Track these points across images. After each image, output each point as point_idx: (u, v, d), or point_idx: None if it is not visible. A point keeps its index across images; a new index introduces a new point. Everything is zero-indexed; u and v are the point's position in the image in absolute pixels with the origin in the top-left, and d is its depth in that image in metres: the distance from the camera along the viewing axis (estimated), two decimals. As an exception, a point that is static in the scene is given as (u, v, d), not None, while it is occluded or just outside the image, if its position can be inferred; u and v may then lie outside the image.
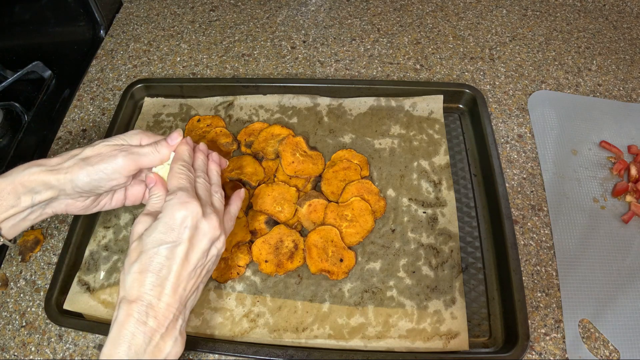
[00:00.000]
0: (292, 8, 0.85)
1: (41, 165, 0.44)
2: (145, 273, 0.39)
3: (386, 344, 0.48)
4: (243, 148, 0.63)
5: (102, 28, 0.83)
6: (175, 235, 0.40)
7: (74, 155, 0.44)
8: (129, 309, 0.39)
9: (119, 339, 0.38)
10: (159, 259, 0.40)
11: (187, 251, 0.40)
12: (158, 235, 0.40)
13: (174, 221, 0.41)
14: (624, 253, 0.55)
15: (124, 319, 0.38)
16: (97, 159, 0.44)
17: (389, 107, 0.66)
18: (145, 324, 0.38)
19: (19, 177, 0.43)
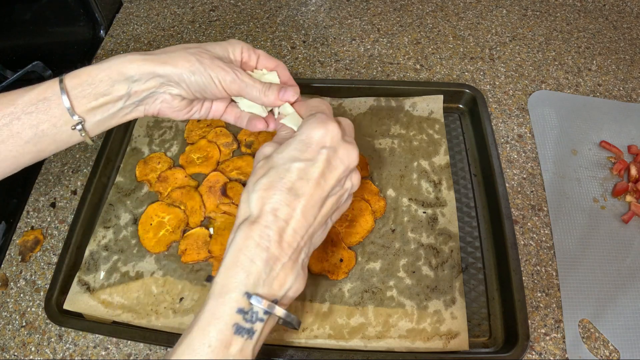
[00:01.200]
0: (292, 8, 0.85)
1: (146, 54, 0.40)
2: (273, 190, 0.35)
3: (386, 344, 0.48)
4: (243, 148, 0.63)
5: (102, 28, 0.83)
6: (311, 154, 0.36)
7: (185, 48, 0.42)
8: (250, 231, 0.34)
9: (235, 266, 0.34)
10: (291, 177, 0.35)
11: (322, 173, 0.36)
12: (292, 152, 0.37)
13: (311, 139, 0.37)
14: (624, 253, 0.55)
15: (242, 242, 0.34)
16: (210, 65, 0.41)
17: (389, 107, 0.66)
18: (268, 249, 0.34)
19: (116, 62, 0.39)
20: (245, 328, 0.33)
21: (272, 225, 0.35)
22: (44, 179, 0.64)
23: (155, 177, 0.60)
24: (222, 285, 0.34)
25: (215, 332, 0.32)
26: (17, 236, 0.59)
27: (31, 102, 0.39)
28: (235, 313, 0.33)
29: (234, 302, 0.33)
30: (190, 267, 0.53)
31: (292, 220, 0.35)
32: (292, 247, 0.35)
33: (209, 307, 0.33)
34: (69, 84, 0.39)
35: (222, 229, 0.55)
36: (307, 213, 0.36)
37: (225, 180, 0.59)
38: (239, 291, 0.33)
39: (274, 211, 0.35)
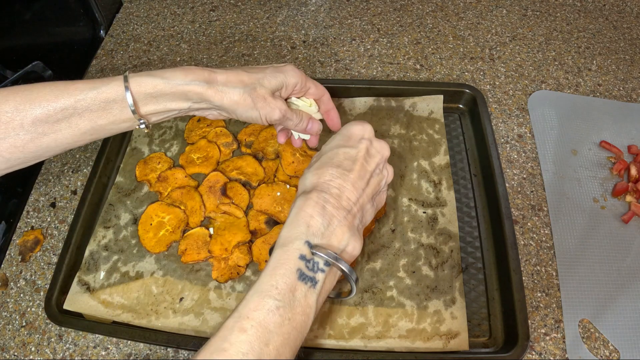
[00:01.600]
0: (292, 8, 0.85)
1: (208, 82, 0.43)
2: (326, 167, 0.42)
3: (386, 344, 0.48)
4: (243, 148, 0.63)
5: (102, 28, 0.83)
6: (353, 142, 0.44)
7: (244, 84, 0.45)
8: (308, 196, 0.40)
9: (297, 220, 0.39)
10: (339, 157, 0.42)
11: (364, 156, 0.43)
12: (337, 142, 0.44)
13: (352, 133, 0.44)
14: (624, 253, 0.55)
15: (302, 203, 0.39)
16: (261, 104, 0.45)
17: (389, 107, 0.66)
18: (324, 207, 0.39)
19: (182, 84, 0.43)
20: (308, 276, 0.37)
21: (327, 191, 0.40)
22: (44, 179, 0.64)
23: (155, 177, 0.60)
24: (286, 237, 0.38)
25: (281, 275, 0.36)
26: (17, 236, 0.59)
27: (94, 100, 0.41)
28: (298, 259, 0.37)
29: (296, 250, 0.37)
30: (190, 267, 0.53)
31: (344, 189, 0.41)
32: (346, 210, 0.40)
33: (275, 255, 0.38)
34: (134, 89, 0.42)
35: (222, 229, 0.55)
36: (356, 184, 0.42)
37: (225, 180, 0.59)
38: (301, 240, 0.38)
39: (327, 182, 0.41)
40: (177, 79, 0.42)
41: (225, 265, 0.53)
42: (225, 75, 0.44)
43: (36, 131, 0.40)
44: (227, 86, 0.44)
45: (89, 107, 0.41)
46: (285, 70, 0.47)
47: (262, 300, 0.35)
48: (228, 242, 0.54)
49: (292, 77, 0.48)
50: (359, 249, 0.41)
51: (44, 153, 0.42)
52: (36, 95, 0.39)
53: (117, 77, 0.42)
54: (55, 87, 0.40)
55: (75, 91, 0.40)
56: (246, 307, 0.35)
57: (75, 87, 0.40)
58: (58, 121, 0.40)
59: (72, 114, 0.40)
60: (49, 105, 0.39)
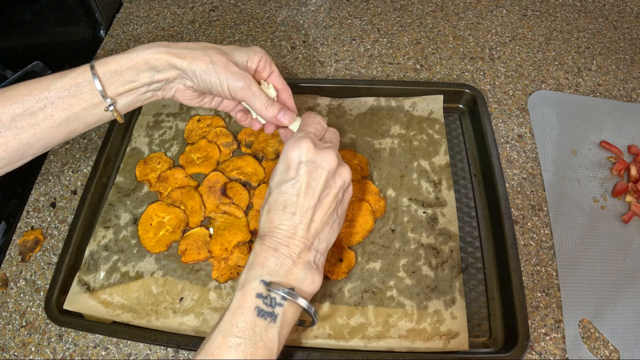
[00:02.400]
0: (292, 8, 0.85)
1: (168, 47, 0.45)
2: (273, 211, 0.43)
3: (386, 344, 0.48)
4: (243, 148, 0.63)
5: (102, 28, 0.83)
6: (293, 173, 0.43)
7: (205, 47, 0.46)
8: (262, 242, 0.42)
9: (254, 264, 0.41)
10: (283, 197, 0.42)
11: (307, 184, 0.42)
12: (278, 177, 0.44)
13: (289, 160, 0.43)
14: (624, 253, 0.55)
15: (259, 248, 0.42)
16: (222, 69, 0.45)
17: (389, 107, 0.66)
18: (277, 250, 0.41)
19: (143, 54, 0.44)
20: (266, 312, 0.38)
21: (278, 235, 0.42)
22: (44, 179, 0.64)
23: (155, 177, 0.60)
24: (244, 279, 0.40)
25: (240, 314, 0.38)
26: (17, 236, 0.59)
27: (64, 87, 0.43)
28: (255, 297, 0.39)
29: (253, 290, 0.39)
30: (190, 267, 0.53)
31: (296, 229, 0.42)
32: (299, 248, 0.41)
33: (235, 297, 0.40)
34: (99, 70, 0.43)
35: (222, 229, 0.55)
36: (305, 219, 0.42)
37: (225, 180, 0.59)
38: (256, 280, 0.40)
39: (277, 227, 0.42)
40: (137, 50, 0.44)
41: (225, 265, 0.53)
42: (185, 44, 0.46)
43: (16, 127, 0.42)
44: (188, 49, 0.45)
45: (60, 95, 0.42)
46: (249, 47, 0.49)
47: (225, 339, 0.37)
48: (228, 242, 0.54)
49: (257, 51, 0.48)
50: (318, 282, 0.42)
51: (27, 150, 0.43)
52: (11, 93, 0.42)
53: (85, 65, 0.44)
54: (28, 83, 0.43)
55: (47, 82, 0.43)
56: (211, 345, 0.37)
57: (46, 79, 0.43)
58: (34, 113, 0.42)
59: (46, 104, 0.42)
60: (24, 99, 0.41)
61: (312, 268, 0.42)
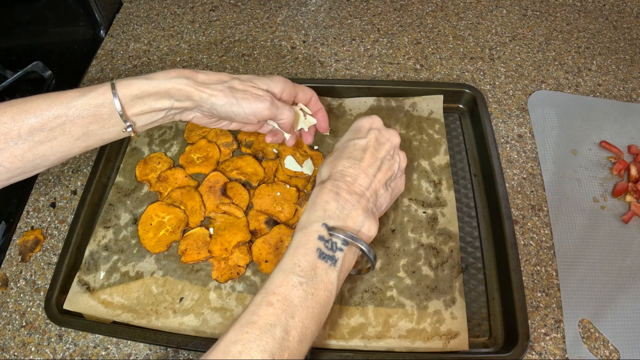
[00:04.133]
0: (292, 8, 0.85)
1: (189, 79, 0.46)
2: (338, 159, 0.45)
3: (386, 344, 0.48)
4: (243, 148, 0.63)
5: (102, 28, 0.83)
6: (362, 134, 0.47)
7: (223, 81, 0.47)
8: (323, 185, 0.43)
9: (314, 206, 0.42)
10: (350, 149, 0.46)
11: (374, 145, 0.46)
12: (347, 136, 0.48)
13: (360, 125, 0.48)
14: (624, 253, 0.55)
15: (318, 191, 0.43)
16: (242, 95, 0.47)
17: (389, 107, 0.66)
18: (338, 193, 0.42)
19: (165, 84, 0.45)
20: (327, 255, 0.40)
21: (340, 179, 0.43)
22: (44, 179, 0.64)
23: (155, 177, 0.60)
24: (305, 221, 0.41)
25: (302, 254, 0.39)
26: (17, 236, 0.59)
27: (84, 106, 0.43)
28: (317, 239, 0.40)
29: (315, 232, 0.40)
30: (190, 267, 0.53)
31: (356, 177, 0.44)
32: (358, 194, 0.43)
33: (296, 237, 0.41)
34: (120, 92, 0.44)
35: (222, 229, 0.55)
36: (367, 171, 0.45)
37: (225, 180, 0.59)
38: (318, 222, 0.41)
39: (340, 171, 0.44)
40: (159, 78, 0.46)
41: (225, 265, 0.53)
42: (205, 75, 0.47)
43: (33, 139, 0.42)
44: (207, 81, 0.47)
45: (80, 114, 0.43)
46: (270, 77, 0.50)
47: (287, 277, 0.38)
48: (228, 242, 0.54)
49: (279, 82, 0.50)
50: (374, 229, 0.43)
51: (42, 162, 0.44)
52: (30, 106, 0.42)
53: (105, 83, 0.45)
54: (49, 97, 0.43)
55: (67, 99, 0.43)
56: (272, 284, 0.37)
57: (67, 95, 0.43)
58: (52, 129, 0.43)
59: (65, 121, 0.43)
60: (42, 114, 0.42)
61: (370, 215, 0.43)
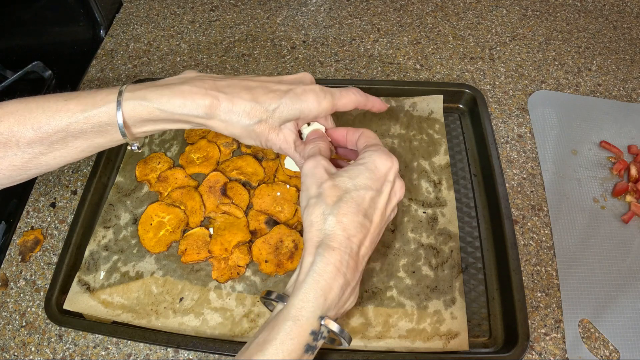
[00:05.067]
0: (292, 8, 0.85)
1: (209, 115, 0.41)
2: (351, 215, 0.37)
3: (386, 344, 0.48)
4: (243, 148, 0.63)
5: (102, 28, 0.83)
6: (379, 185, 0.39)
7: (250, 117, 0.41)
8: (331, 257, 0.36)
9: (315, 290, 0.35)
10: (365, 204, 0.38)
11: (385, 203, 0.40)
12: (364, 181, 0.39)
13: (379, 171, 0.40)
14: (624, 253, 0.55)
15: (323, 267, 0.36)
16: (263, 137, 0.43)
17: (389, 107, 0.66)
18: (344, 275, 0.36)
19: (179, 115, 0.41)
20: (312, 346, 0.36)
21: (348, 250, 0.37)
22: (44, 179, 0.64)
23: (155, 177, 0.60)
24: (300, 308, 0.35)
25: (289, 351, 0.34)
26: (17, 236, 0.59)
27: (87, 123, 0.40)
28: (309, 335, 0.35)
29: (309, 326, 0.35)
30: (190, 267, 0.53)
31: (363, 247, 0.38)
32: (359, 271, 0.38)
33: (286, 328, 0.35)
34: (127, 114, 0.40)
35: (222, 229, 0.55)
36: (372, 237, 0.39)
37: (225, 180, 0.59)
38: (315, 315, 0.35)
39: (350, 237, 0.37)
40: (173, 107, 0.40)
41: (225, 265, 0.53)
42: (230, 104, 0.41)
43: (33, 152, 0.40)
44: (230, 118, 0.41)
45: (82, 130, 0.40)
46: (306, 100, 0.42)
47: None
48: (228, 242, 0.54)
49: (313, 108, 0.43)
50: (354, 301, 0.40)
51: (46, 169, 0.42)
52: (29, 117, 0.39)
53: (110, 97, 0.40)
54: (48, 107, 0.39)
55: (67, 113, 0.39)
56: None
57: (67, 108, 0.39)
58: (53, 143, 0.40)
59: (66, 136, 0.40)
60: (41, 128, 0.39)
61: (355, 290, 0.39)
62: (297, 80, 0.45)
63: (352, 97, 0.45)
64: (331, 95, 0.44)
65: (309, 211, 0.38)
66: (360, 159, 0.41)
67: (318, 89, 0.43)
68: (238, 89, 0.42)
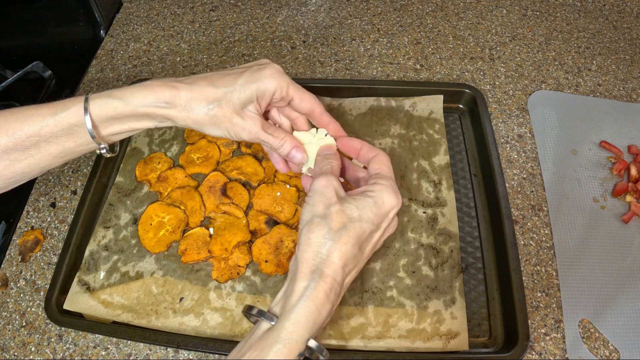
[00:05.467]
0: (292, 8, 0.85)
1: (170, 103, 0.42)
2: (350, 245, 0.38)
3: (386, 344, 0.48)
4: (243, 148, 0.63)
5: (102, 28, 0.83)
6: (379, 221, 0.40)
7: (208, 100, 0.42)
8: (324, 285, 0.37)
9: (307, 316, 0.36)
10: (363, 237, 0.39)
11: (379, 238, 0.41)
12: (370, 215, 0.40)
13: (384, 207, 0.40)
14: (624, 253, 0.55)
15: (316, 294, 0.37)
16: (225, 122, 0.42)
17: (389, 107, 0.66)
18: (332, 302, 0.38)
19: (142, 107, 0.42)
20: None
21: (338, 279, 0.38)
22: (44, 179, 0.64)
23: (155, 177, 0.60)
24: (292, 332, 0.36)
25: None
26: (17, 236, 0.59)
27: (57, 125, 0.41)
28: (296, 357, 0.36)
29: (298, 349, 0.36)
30: (190, 267, 0.53)
31: (349, 276, 0.40)
32: (341, 296, 0.39)
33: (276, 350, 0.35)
34: (94, 112, 0.41)
35: (222, 229, 0.55)
36: (359, 267, 0.41)
37: (225, 180, 0.59)
38: (304, 339, 0.36)
39: (345, 266, 0.38)
40: (136, 99, 0.41)
41: (225, 265, 0.53)
42: (189, 92, 0.42)
43: (8, 158, 0.41)
44: (190, 104, 0.42)
45: (53, 133, 0.41)
46: (261, 77, 0.43)
47: None
48: (228, 242, 0.54)
49: (269, 83, 0.43)
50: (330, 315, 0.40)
51: (22, 178, 0.43)
52: (4, 124, 0.40)
53: (78, 100, 0.41)
54: (21, 114, 0.41)
55: (38, 118, 0.41)
56: None
57: (39, 113, 0.41)
58: (27, 148, 0.41)
59: (39, 141, 0.41)
60: (14, 134, 0.40)
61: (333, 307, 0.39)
62: (256, 63, 0.45)
63: (311, 98, 0.46)
64: (289, 79, 0.44)
65: (310, 229, 0.39)
66: (370, 191, 0.41)
67: (275, 67, 0.44)
68: (196, 79, 0.43)
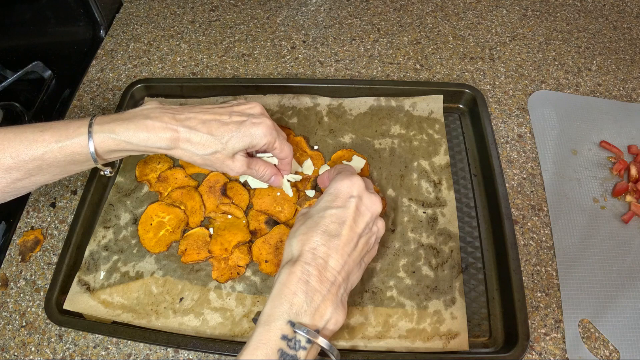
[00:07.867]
0: (292, 8, 0.85)
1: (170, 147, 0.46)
2: (312, 232, 0.40)
3: (386, 344, 0.48)
4: (243, 148, 0.63)
5: (102, 28, 0.83)
6: (341, 202, 0.42)
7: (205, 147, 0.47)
8: (292, 268, 0.39)
9: (280, 297, 0.38)
10: (325, 221, 0.41)
11: (354, 217, 0.42)
12: (324, 203, 0.42)
13: (339, 191, 0.43)
14: (624, 253, 0.55)
15: (286, 277, 0.39)
16: (218, 164, 0.48)
17: (389, 107, 0.66)
18: (308, 282, 0.38)
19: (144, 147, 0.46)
20: (289, 354, 0.36)
21: (311, 262, 0.39)
22: (44, 179, 0.64)
23: (155, 177, 0.60)
24: (268, 314, 0.37)
25: (262, 355, 0.36)
26: (17, 236, 0.59)
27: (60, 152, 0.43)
28: (279, 339, 0.36)
29: (279, 330, 0.36)
30: (190, 267, 0.53)
31: (330, 258, 0.40)
32: (330, 281, 0.39)
33: (257, 334, 0.37)
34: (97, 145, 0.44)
35: (222, 229, 0.55)
36: (343, 251, 0.41)
37: (225, 180, 0.59)
38: (283, 319, 0.37)
39: (312, 250, 0.40)
40: (138, 139, 0.45)
41: (225, 265, 0.53)
42: (188, 142, 0.46)
43: (10, 177, 0.43)
44: (189, 149, 0.47)
45: (56, 158, 0.44)
46: (255, 133, 0.48)
47: None
48: (228, 242, 0.54)
49: (261, 140, 0.49)
50: (341, 321, 0.40)
51: (23, 192, 0.46)
52: (7, 145, 0.42)
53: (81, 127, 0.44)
54: (24, 137, 0.42)
55: (43, 143, 0.43)
56: None
57: (43, 138, 0.43)
58: (29, 170, 0.43)
59: (42, 164, 0.43)
60: (19, 156, 0.42)
61: (339, 306, 0.40)
62: (248, 111, 0.50)
63: (290, 150, 0.52)
64: (277, 132, 0.50)
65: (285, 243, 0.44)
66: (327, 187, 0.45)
67: (267, 125, 0.49)
68: (195, 122, 0.47)
